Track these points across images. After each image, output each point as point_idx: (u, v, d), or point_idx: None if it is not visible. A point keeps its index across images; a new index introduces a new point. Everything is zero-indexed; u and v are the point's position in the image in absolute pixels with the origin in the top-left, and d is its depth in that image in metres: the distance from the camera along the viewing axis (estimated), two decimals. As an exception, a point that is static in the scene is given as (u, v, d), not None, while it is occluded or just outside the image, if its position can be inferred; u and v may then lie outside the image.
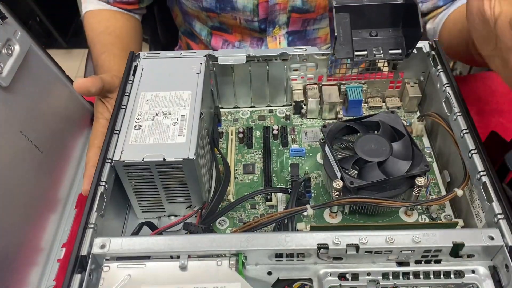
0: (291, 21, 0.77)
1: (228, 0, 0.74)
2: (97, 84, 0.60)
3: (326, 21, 0.78)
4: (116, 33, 0.75)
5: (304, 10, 0.75)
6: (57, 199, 0.59)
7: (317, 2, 0.74)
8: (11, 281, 0.50)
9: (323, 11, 0.76)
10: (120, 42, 0.74)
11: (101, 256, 0.43)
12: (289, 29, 0.78)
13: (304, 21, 0.77)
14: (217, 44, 0.81)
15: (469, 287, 0.44)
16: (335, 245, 0.42)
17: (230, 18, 0.77)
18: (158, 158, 0.48)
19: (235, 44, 0.80)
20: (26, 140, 0.54)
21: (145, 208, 0.55)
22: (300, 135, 0.64)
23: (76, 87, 0.59)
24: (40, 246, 0.55)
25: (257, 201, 0.57)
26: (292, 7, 0.74)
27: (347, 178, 0.49)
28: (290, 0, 0.73)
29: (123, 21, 0.79)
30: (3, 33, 0.51)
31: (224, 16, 0.77)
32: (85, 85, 0.59)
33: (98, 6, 0.79)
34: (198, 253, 0.43)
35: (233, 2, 0.73)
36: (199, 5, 0.76)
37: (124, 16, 0.80)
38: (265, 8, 0.74)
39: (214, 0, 0.74)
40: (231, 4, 0.74)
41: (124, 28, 0.78)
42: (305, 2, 0.73)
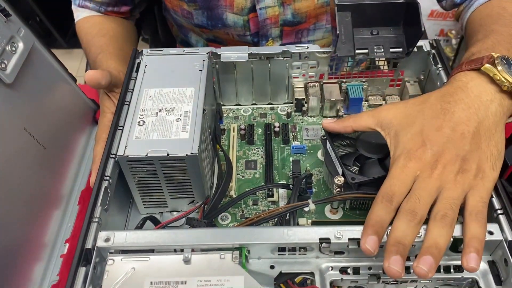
0: (284, 34, 0.77)
1: (219, 18, 0.74)
2: (107, 77, 0.60)
3: (321, 32, 0.79)
4: (110, 35, 0.75)
5: (296, 23, 0.75)
6: (60, 196, 0.59)
7: (308, 12, 0.74)
8: (15, 276, 0.50)
9: (315, 20, 0.77)
10: (115, 42, 0.74)
11: (106, 249, 0.43)
12: (283, 41, 0.79)
13: (297, 32, 0.78)
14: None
15: (469, 282, 0.45)
16: (337, 239, 0.43)
17: (222, 33, 0.78)
18: (162, 153, 0.49)
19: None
20: (29, 136, 0.55)
21: (147, 204, 0.55)
22: (301, 133, 0.65)
23: (87, 79, 0.58)
24: (43, 241, 0.55)
25: (259, 197, 0.58)
26: (283, 21, 0.75)
27: (348, 174, 0.50)
28: (281, 14, 0.73)
29: (116, 23, 0.79)
30: (7, 30, 0.52)
31: (216, 32, 0.78)
32: (96, 77, 0.59)
33: (90, 14, 0.80)
34: (202, 247, 0.43)
35: (223, 19, 0.74)
36: (190, 22, 0.77)
37: (116, 19, 0.81)
38: (256, 23, 0.75)
39: (205, 18, 0.75)
40: (221, 22, 0.75)
41: (118, 29, 0.78)
42: (296, 15, 0.74)
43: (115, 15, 0.80)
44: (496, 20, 0.57)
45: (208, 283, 0.41)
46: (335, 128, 0.52)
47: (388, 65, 0.64)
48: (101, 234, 0.44)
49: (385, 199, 0.42)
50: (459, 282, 0.45)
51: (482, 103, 0.45)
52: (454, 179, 0.42)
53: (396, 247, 0.39)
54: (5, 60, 0.50)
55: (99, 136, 0.59)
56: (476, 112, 0.44)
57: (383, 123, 0.47)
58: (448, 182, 0.42)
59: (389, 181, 0.43)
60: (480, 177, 0.42)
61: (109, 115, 0.61)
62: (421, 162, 0.42)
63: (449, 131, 0.44)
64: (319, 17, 0.76)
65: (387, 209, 0.41)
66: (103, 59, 0.68)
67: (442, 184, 0.42)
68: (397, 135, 0.45)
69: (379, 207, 0.41)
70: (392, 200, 0.41)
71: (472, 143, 0.43)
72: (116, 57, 0.68)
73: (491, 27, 0.56)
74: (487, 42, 0.52)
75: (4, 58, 0.50)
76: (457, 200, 0.41)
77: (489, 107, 0.45)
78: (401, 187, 0.42)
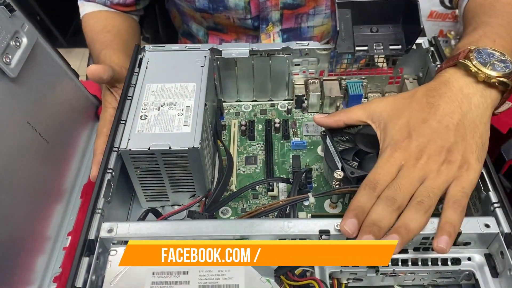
0: (284, 18, 0.78)
1: (220, 0, 0.75)
2: (109, 72, 0.61)
3: (320, 17, 0.79)
4: (114, 31, 0.76)
5: (295, 5, 0.76)
6: (63, 189, 0.60)
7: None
8: (18, 268, 0.51)
9: (314, 4, 0.77)
10: (119, 38, 0.75)
11: (109, 240, 0.44)
12: (283, 26, 0.79)
13: (297, 16, 0.78)
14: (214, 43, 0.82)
15: (466, 274, 0.46)
16: (337, 231, 0.43)
17: (223, 18, 0.78)
18: (164, 147, 0.49)
19: (231, 43, 0.82)
20: (33, 130, 0.55)
21: (149, 197, 0.56)
22: (301, 129, 0.65)
23: (89, 73, 0.59)
24: (46, 234, 0.56)
25: (259, 192, 0.58)
26: (283, 4, 0.76)
27: (347, 169, 0.51)
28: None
29: (120, 20, 0.80)
30: (12, 25, 0.52)
31: (217, 16, 0.78)
32: (98, 71, 0.60)
33: (95, 8, 0.80)
34: (203, 238, 0.44)
35: (224, 1, 0.75)
36: (192, 6, 0.78)
37: (121, 15, 0.81)
38: (256, 5, 0.76)
39: (207, 1, 0.76)
40: (223, 4, 0.75)
41: (122, 26, 0.79)
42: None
43: (120, 8, 0.81)
44: (487, 11, 0.58)
45: (210, 273, 0.42)
46: (327, 123, 0.53)
47: (387, 62, 0.64)
48: (104, 225, 0.44)
49: (368, 187, 0.43)
50: (456, 274, 0.45)
51: (464, 96, 0.46)
52: (437, 169, 0.43)
53: (370, 228, 0.41)
54: (9, 54, 0.51)
55: (100, 130, 0.60)
56: (459, 105, 0.46)
57: (373, 116, 0.49)
58: (431, 172, 0.43)
59: (374, 170, 0.44)
60: (465, 168, 0.43)
61: (111, 110, 0.62)
62: (406, 152, 0.44)
63: (434, 123, 0.45)
64: (318, 1, 0.78)
65: (369, 195, 0.43)
66: (107, 55, 0.69)
67: (425, 174, 0.43)
68: (385, 127, 0.47)
69: (362, 193, 0.43)
70: (375, 188, 0.43)
71: (457, 135, 0.44)
72: (120, 53, 0.69)
73: (482, 19, 0.57)
74: (474, 36, 0.53)
75: (9, 52, 0.51)
76: (436, 189, 0.43)
77: (472, 100, 0.46)
78: (385, 176, 0.43)
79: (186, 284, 0.41)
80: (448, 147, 0.44)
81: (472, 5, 0.64)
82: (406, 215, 0.42)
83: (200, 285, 0.41)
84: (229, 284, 0.41)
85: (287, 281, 0.45)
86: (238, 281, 0.41)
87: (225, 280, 0.41)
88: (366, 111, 0.49)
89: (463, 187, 0.43)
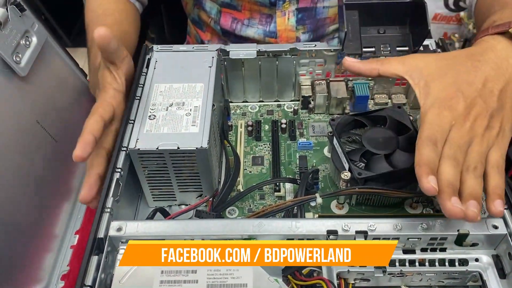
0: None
1: None
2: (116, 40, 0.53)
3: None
4: (115, 16, 0.72)
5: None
6: (70, 188, 0.60)
7: None
8: (27, 265, 0.51)
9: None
10: (119, 24, 0.70)
11: (117, 239, 0.44)
12: (300, 5, 0.78)
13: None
14: (226, 22, 0.81)
15: (473, 275, 0.46)
16: (344, 231, 0.44)
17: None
18: (172, 146, 0.50)
19: (244, 22, 0.80)
20: (42, 129, 0.56)
21: (156, 197, 0.56)
22: (307, 129, 0.65)
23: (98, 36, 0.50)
24: (54, 233, 0.56)
25: (266, 192, 0.58)
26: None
27: (355, 170, 0.51)
28: None
29: (123, 6, 0.76)
30: (22, 24, 0.53)
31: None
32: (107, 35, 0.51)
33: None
34: (211, 237, 0.44)
35: None
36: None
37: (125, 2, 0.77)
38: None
39: None
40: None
41: (123, 12, 0.75)
42: None
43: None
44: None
45: (218, 272, 0.42)
46: (360, 68, 0.51)
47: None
48: (113, 223, 0.45)
49: (430, 142, 0.42)
50: (464, 275, 0.46)
51: (510, 64, 0.47)
52: (482, 134, 0.44)
53: (451, 189, 0.41)
54: (19, 53, 0.51)
55: (95, 110, 0.51)
56: (504, 73, 0.46)
57: (413, 73, 0.47)
58: (477, 136, 0.44)
59: (428, 126, 0.44)
60: (501, 136, 0.44)
61: (112, 91, 0.55)
62: (455, 112, 0.44)
63: (480, 86, 0.45)
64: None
65: (435, 151, 0.42)
66: None
67: (472, 138, 0.44)
68: (428, 85, 0.46)
69: (427, 149, 0.42)
70: (436, 143, 0.43)
71: (499, 101, 0.45)
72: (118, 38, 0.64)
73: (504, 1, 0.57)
74: (505, 12, 0.53)
75: (19, 51, 0.51)
76: (484, 154, 0.43)
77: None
78: (441, 133, 0.43)
79: (194, 283, 0.41)
80: (491, 113, 0.44)
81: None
82: (470, 182, 0.42)
83: (208, 284, 0.41)
84: (237, 283, 0.41)
85: (294, 280, 0.45)
86: (246, 281, 0.41)
87: (234, 279, 0.42)
88: (405, 66, 0.48)
89: (502, 153, 0.44)
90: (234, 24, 0.81)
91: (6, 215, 0.48)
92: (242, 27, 0.80)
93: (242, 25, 0.80)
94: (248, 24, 0.80)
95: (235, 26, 0.81)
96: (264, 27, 0.78)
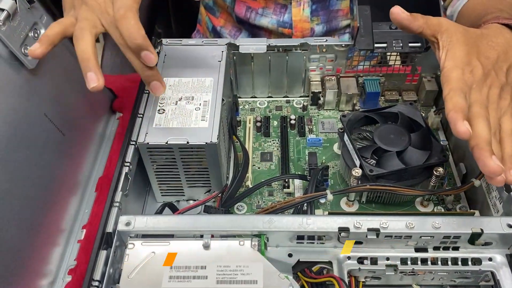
0: None
1: None
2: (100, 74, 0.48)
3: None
4: None
5: None
6: (78, 182, 0.60)
7: None
8: (34, 259, 0.51)
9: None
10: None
11: (126, 233, 0.44)
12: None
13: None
14: (240, 11, 0.80)
15: (486, 274, 0.45)
16: (356, 229, 0.43)
17: None
18: (182, 141, 0.49)
19: (258, 11, 0.79)
20: (49, 122, 0.55)
21: (165, 191, 0.56)
22: (317, 126, 0.65)
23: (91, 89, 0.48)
24: (61, 227, 0.56)
25: (275, 188, 0.58)
26: None
27: (366, 166, 0.50)
28: None
29: None
30: (31, 17, 0.52)
31: None
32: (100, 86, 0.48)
33: None
34: (221, 233, 0.44)
35: None
36: None
37: None
38: None
39: None
40: None
41: None
42: None
43: None
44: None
45: (228, 268, 0.41)
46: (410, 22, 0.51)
47: (406, 60, 0.63)
48: (122, 218, 0.44)
49: (462, 92, 0.43)
50: (477, 275, 0.45)
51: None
52: (497, 101, 0.46)
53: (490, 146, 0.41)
54: (28, 46, 0.51)
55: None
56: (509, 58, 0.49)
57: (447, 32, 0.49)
58: (493, 102, 0.46)
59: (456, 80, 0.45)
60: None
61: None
62: (475, 76, 0.46)
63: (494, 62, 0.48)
64: None
65: (464, 99, 0.43)
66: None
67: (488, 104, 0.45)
68: (454, 48, 0.48)
69: (460, 97, 0.43)
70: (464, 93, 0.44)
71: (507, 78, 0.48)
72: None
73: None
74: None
75: (27, 44, 0.51)
76: (499, 121, 0.45)
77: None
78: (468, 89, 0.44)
79: (204, 279, 0.41)
80: (502, 85, 0.47)
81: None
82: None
83: (218, 280, 0.41)
84: (247, 279, 0.41)
85: (304, 278, 0.45)
86: (256, 277, 0.41)
87: (243, 275, 0.41)
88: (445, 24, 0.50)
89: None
90: (248, 13, 0.80)
91: (13, 208, 0.48)
92: (256, 16, 0.79)
93: (257, 14, 0.79)
94: (262, 13, 0.79)
95: (249, 15, 0.79)
96: (278, 17, 0.77)
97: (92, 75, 0.46)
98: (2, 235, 0.46)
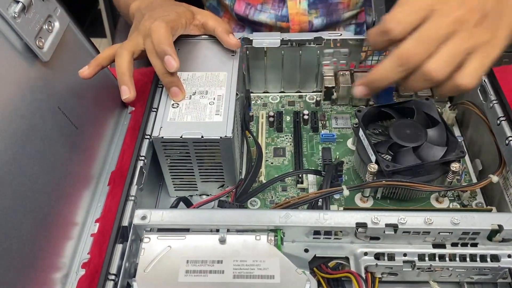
0: None
1: None
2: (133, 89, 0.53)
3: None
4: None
5: None
6: (91, 176, 0.60)
7: None
8: (47, 253, 0.51)
9: None
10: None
11: (142, 227, 0.44)
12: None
13: None
14: (240, 8, 0.80)
15: (505, 271, 0.44)
16: (374, 224, 0.42)
17: None
18: (196, 135, 0.49)
19: (257, 7, 0.79)
20: (63, 116, 0.55)
21: (178, 186, 0.55)
22: (330, 121, 0.64)
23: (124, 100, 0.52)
24: (74, 220, 0.56)
25: (288, 184, 0.57)
26: None
27: (382, 162, 0.50)
28: None
29: None
30: (45, 9, 0.52)
31: None
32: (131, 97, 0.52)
33: None
34: (237, 227, 0.43)
35: None
36: None
37: None
38: None
39: None
40: None
41: None
42: None
43: None
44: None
45: (244, 263, 0.41)
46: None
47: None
48: (138, 212, 0.44)
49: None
50: (495, 272, 0.44)
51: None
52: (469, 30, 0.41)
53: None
54: (42, 38, 0.51)
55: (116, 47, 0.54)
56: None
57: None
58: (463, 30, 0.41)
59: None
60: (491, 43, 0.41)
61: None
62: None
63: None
64: None
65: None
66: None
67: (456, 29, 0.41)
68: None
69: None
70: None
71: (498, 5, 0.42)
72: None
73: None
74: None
75: (42, 36, 0.51)
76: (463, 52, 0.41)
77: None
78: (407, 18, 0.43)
79: (220, 273, 0.41)
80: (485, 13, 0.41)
81: None
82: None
83: (234, 275, 0.41)
84: (264, 274, 0.40)
85: (320, 273, 0.44)
86: (273, 272, 0.41)
87: (260, 270, 0.41)
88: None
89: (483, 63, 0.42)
90: (247, 9, 0.80)
91: (26, 201, 0.48)
92: (255, 12, 0.79)
93: (255, 10, 0.79)
94: (261, 9, 0.79)
95: (248, 11, 0.79)
96: (276, 12, 0.77)
97: (125, 88, 0.51)
98: (17, 228, 0.45)
